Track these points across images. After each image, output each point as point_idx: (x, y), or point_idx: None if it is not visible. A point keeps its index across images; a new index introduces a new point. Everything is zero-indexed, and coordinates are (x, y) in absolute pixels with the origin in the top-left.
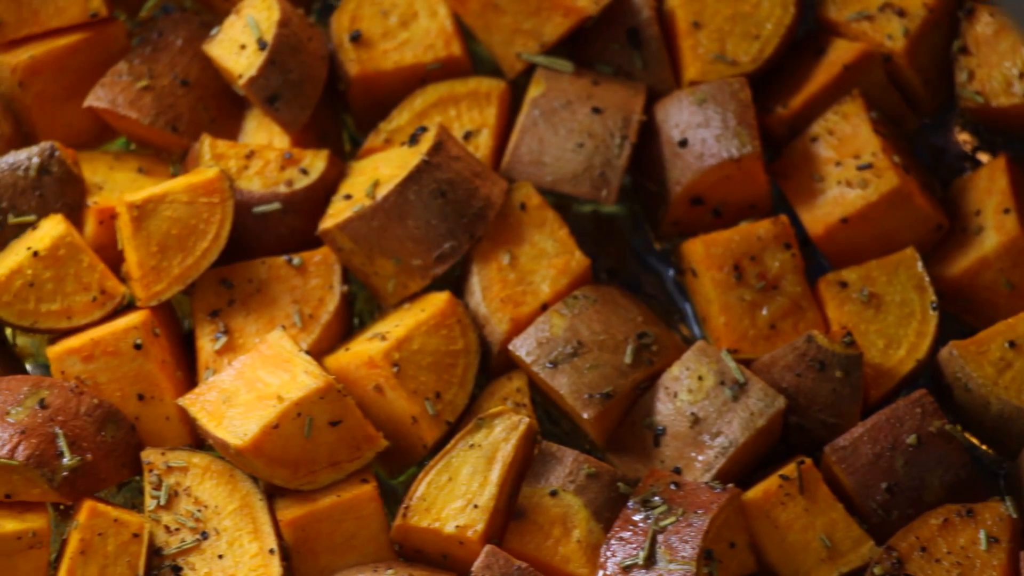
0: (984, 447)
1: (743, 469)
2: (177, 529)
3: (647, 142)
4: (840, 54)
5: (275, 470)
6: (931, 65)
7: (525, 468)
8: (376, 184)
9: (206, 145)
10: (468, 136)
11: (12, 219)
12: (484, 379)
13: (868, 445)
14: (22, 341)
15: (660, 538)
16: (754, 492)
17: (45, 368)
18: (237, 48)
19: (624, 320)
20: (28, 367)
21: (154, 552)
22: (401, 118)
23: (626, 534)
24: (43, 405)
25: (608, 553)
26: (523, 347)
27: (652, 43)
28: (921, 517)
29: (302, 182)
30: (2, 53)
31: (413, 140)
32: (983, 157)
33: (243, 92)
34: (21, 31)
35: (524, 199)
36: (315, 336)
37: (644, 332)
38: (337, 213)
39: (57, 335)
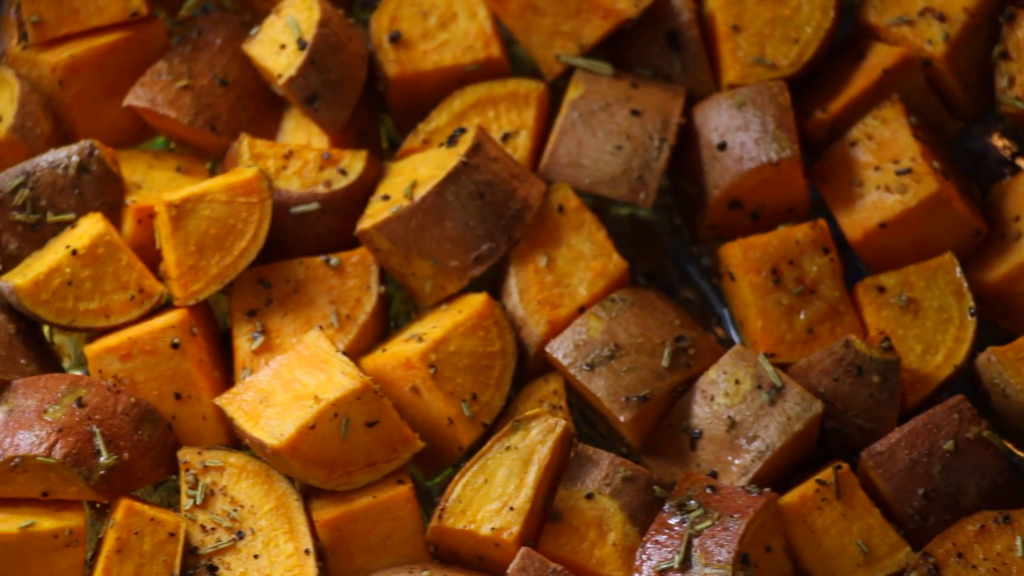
0: (1022, 453)
1: (779, 473)
2: (213, 529)
3: (686, 145)
4: (880, 59)
5: (311, 470)
6: (971, 70)
7: (561, 471)
8: (414, 185)
9: (245, 145)
10: (506, 137)
11: (51, 217)
12: (521, 381)
13: (905, 451)
14: (60, 339)
15: (696, 542)
16: (790, 496)
17: (83, 367)
18: (277, 48)
19: (661, 323)
20: (65, 366)
21: (190, 551)
22: (440, 119)
23: (662, 538)
24: (80, 404)
25: (644, 557)
26: (560, 349)
27: (691, 46)
28: (958, 523)
29: (340, 182)
30: (42, 51)
31: (451, 141)
32: (1023, 163)
33: (282, 92)
34: (61, 29)
35: (562, 201)
36: (352, 337)
37: (681, 335)
38: (375, 214)
39: (95, 334)
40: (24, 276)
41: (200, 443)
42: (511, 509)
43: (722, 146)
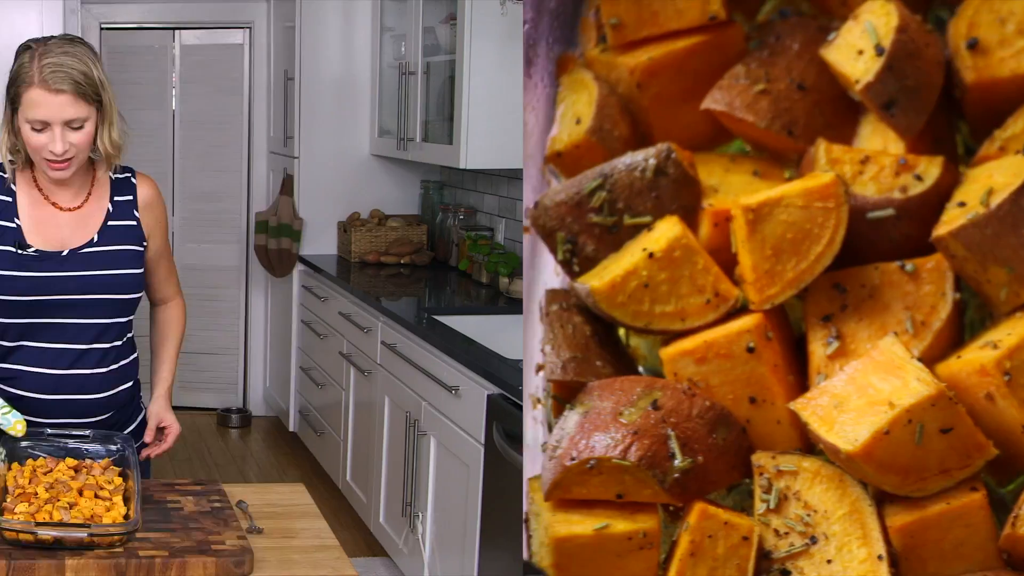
0: None
1: None
2: (786, 533)
3: None
4: None
5: (885, 476)
6: None
7: None
8: (990, 192)
9: (821, 150)
10: None
11: (628, 220)
12: None
13: None
14: (635, 342)
15: None
16: None
17: (658, 370)
18: (854, 53)
19: None
20: (640, 368)
21: (763, 556)
22: (1016, 126)
23: None
24: (656, 406)
25: None
26: None
27: None
28: None
29: (916, 188)
30: (621, 54)
31: None
32: None
33: (859, 97)
34: (640, 32)
35: None
36: (926, 343)
37: None
38: (951, 220)
39: (670, 336)
40: (601, 279)
41: (773, 447)
42: None
43: None
